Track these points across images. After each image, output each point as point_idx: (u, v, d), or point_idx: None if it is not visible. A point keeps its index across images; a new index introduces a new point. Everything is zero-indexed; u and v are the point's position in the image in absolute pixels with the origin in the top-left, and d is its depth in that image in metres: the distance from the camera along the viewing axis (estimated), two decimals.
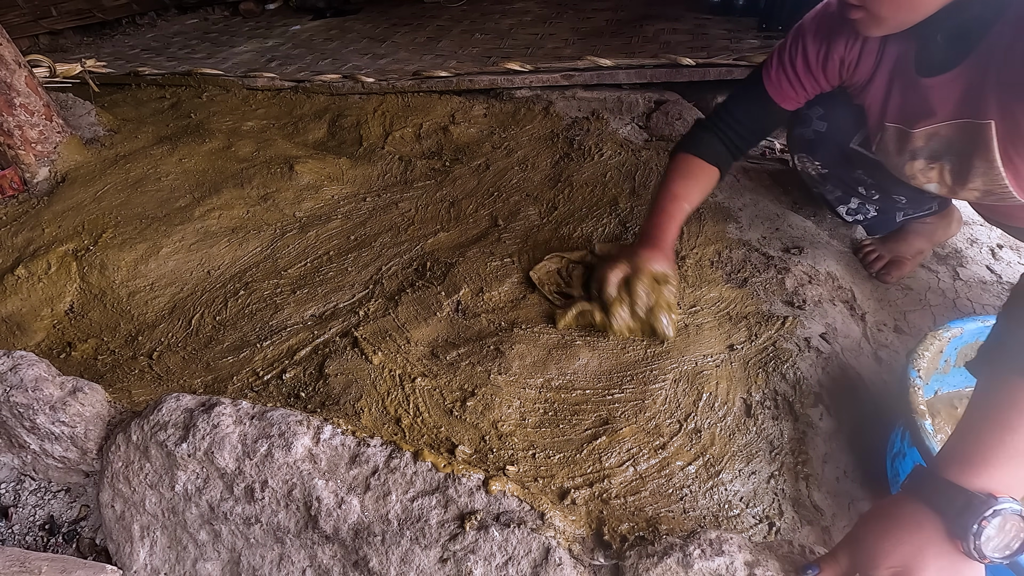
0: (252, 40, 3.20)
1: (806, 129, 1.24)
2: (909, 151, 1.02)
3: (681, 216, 1.18)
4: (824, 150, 1.26)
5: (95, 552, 0.96)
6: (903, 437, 0.88)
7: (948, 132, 0.95)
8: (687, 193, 1.18)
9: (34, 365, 0.98)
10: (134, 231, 1.53)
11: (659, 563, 0.68)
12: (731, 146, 1.20)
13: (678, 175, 1.20)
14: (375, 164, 1.88)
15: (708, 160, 1.19)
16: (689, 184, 1.19)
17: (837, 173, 1.29)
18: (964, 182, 0.98)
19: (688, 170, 1.20)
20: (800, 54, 1.08)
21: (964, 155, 0.95)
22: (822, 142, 1.24)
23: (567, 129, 1.98)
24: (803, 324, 1.17)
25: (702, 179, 1.20)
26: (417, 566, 0.74)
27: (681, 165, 1.20)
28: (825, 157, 1.28)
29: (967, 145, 0.93)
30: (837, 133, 1.20)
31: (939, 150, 0.99)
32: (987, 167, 0.91)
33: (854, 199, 1.32)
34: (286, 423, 0.85)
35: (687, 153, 1.20)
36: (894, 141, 1.04)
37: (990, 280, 1.34)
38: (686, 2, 2.91)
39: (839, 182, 1.31)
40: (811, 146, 1.27)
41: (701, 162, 1.19)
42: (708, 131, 1.20)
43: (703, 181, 1.20)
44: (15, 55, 1.69)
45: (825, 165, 1.29)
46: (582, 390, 1.07)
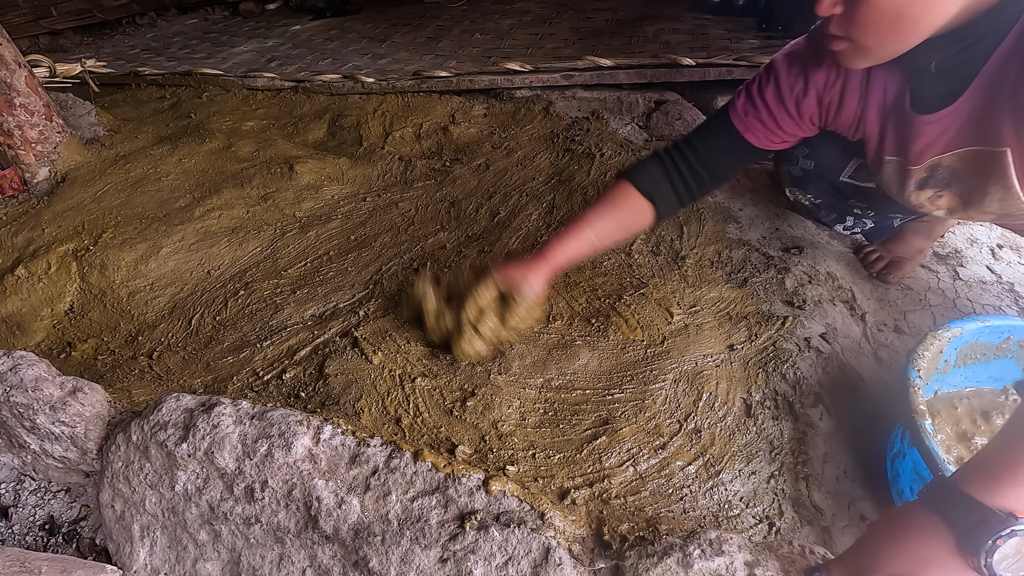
0: (252, 40, 3.20)
1: (793, 167, 1.24)
2: (913, 183, 0.99)
3: (579, 243, 1.05)
4: (814, 185, 1.25)
5: (95, 552, 0.96)
6: (903, 437, 0.88)
7: (954, 161, 0.92)
8: (599, 222, 1.06)
9: (34, 365, 0.98)
10: (134, 231, 1.53)
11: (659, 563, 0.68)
12: (681, 185, 1.07)
13: (602, 200, 1.08)
14: (375, 164, 1.88)
15: (644, 193, 1.05)
16: (607, 214, 1.07)
17: (830, 203, 1.30)
18: (979, 207, 0.95)
19: (615, 198, 1.07)
20: (772, 90, 1.00)
21: (976, 182, 0.92)
22: (811, 179, 1.24)
23: (567, 129, 1.98)
24: (803, 324, 1.17)
25: (626, 212, 1.07)
26: (417, 566, 0.73)
27: (613, 191, 1.08)
28: (816, 191, 1.28)
29: (979, 172, 0.90)
30: (825, 170, 1.19)
31: (947, 178, 0.96)
32: (1005, 192, 0.89)
33: (849, 218, 1.34)
34: (286, 423, 0.85)
35: (626, 180, 1.07)
36: (896, 174, 1.01)
37: (990, 280, 1.34)
38: (686, 2, 2.91)
39: (832, 209, 1.32)
40: (800, 182, 1.28)
41: (635, 194, 1.06)
42: (659, 164, 1.08)
43: (627, 215, 1.07)
44: (15, 55, 1.69)
45: (817, 197, 1.30)
46: (582, 390, 1.07)
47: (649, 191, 1.06)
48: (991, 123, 0.85)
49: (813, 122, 1.03)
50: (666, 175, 1.07)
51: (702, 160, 1.06)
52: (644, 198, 1.06)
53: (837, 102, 0.99)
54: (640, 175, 1.07)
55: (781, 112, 1.01)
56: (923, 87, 0.90)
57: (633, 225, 1.10)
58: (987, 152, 0.87)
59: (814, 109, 1.00)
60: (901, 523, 0.61)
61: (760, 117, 1.03)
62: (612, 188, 1.08)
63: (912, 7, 0.75)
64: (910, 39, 0.79)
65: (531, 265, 1.04)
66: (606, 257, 1.36)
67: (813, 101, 0.99)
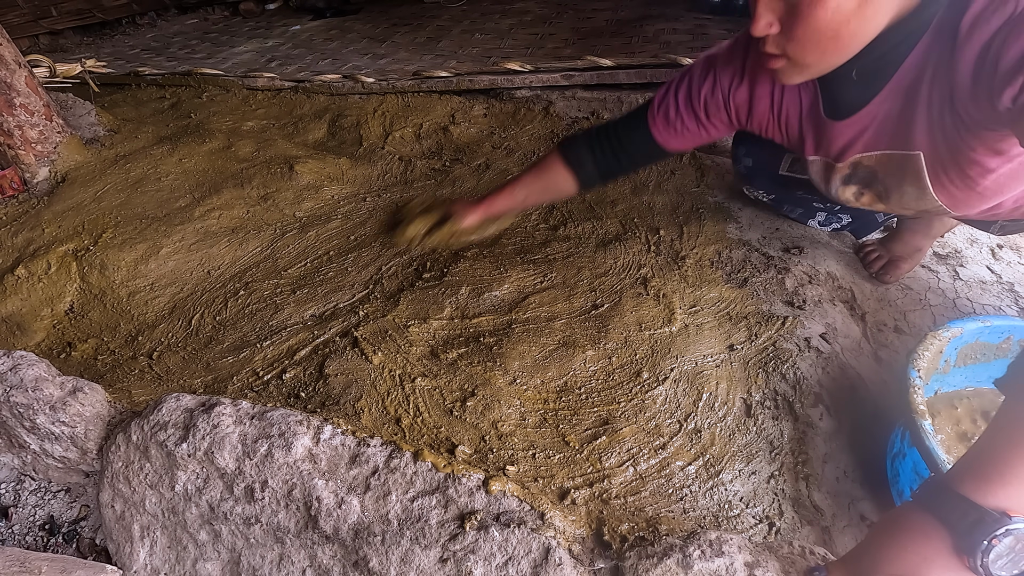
0: (252, 40, 3.20)
1: (739, 166, 1.30)
2: (838, 179, 1.01)
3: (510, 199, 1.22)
4: (760, 181, 1.31)
5: (95, 552, 0.96)
6: (903, 437, 0.88)
7: (872, 162, 0.95)
8: (530, 184, 1.21)
9: (34, 365, 0.98)
10: (134, 231, 1.53)
11: (659, 564, 0.68)
12: (604, 164, 1.16)
13: (535, 165, 1.22)
14: (375, 164, 1.88)
15: (570, 165, 1.17)
16: (537, 179, 1.21)
17: (784, 197, 1.34)
18: (900, 204, 0.98)
19: (546, 166, 1.20)
20: (684, 91, 1.05)
21: (893, 181, 0.95)
22: (755, 175, 1.30)
23: (567, 129, 1.98)
24: (803, 324, 1.17)
25: (553, 180, 1.19)
26: (417, 566, 0.73)
27: (546, 159, 1.20)
28: (765, 187, 1.32)
29: (895, 173, 0.93)
30: (764, 165, 1.23)
31: (867, 177, 0.98)
32: (919, 192, 0.92)
33: (819, 213, 1.35)
34: (286, 423, 0.85)
35: (556, 150, 1.19)
36: (820, 171, 1.04)
37: (990, 280, 1.34)
38: (686, 2, 2.91)
39: (793, 203, 1.35)
40: (748, 179, 1.33)
41: (562, 165, 1.17)
42: (586, 142, 1.17)
43: (553, 183, 1.19)
44: (15, 55, 1.69)
45: (770, 192, 1.34)
46: (582, 390, 1.07)
47: (574, 166, 1.17)
48: (905, 127, 0.87)
49: (723, 122, 1.07)
50: (591, 153, 1.16)
51: (622, 147, 1.14)
52: (569, 170, 1.17)
53: (746, 106, 1.02)
54: (569, 150, 1.18)
55: (688, 113, 1.06)
56: (837, 92, 0.92)
57: (557, 192, 1.23)
58: (901, 155, 0.90)
59: (722, 112, 1.05)
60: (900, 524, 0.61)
61: (668, 116, 1.08)
62: (546, 156, 1.21)
63: (849, 23, 0.75)
64: (848, 53, 0.80)
65: (471, 205, 1.24)
66: (606, 257, 1.36)
67: (720, 104, 1.03)
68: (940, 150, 0.85)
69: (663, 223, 1.47)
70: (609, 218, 1.50)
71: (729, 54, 1.02)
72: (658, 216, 1.50)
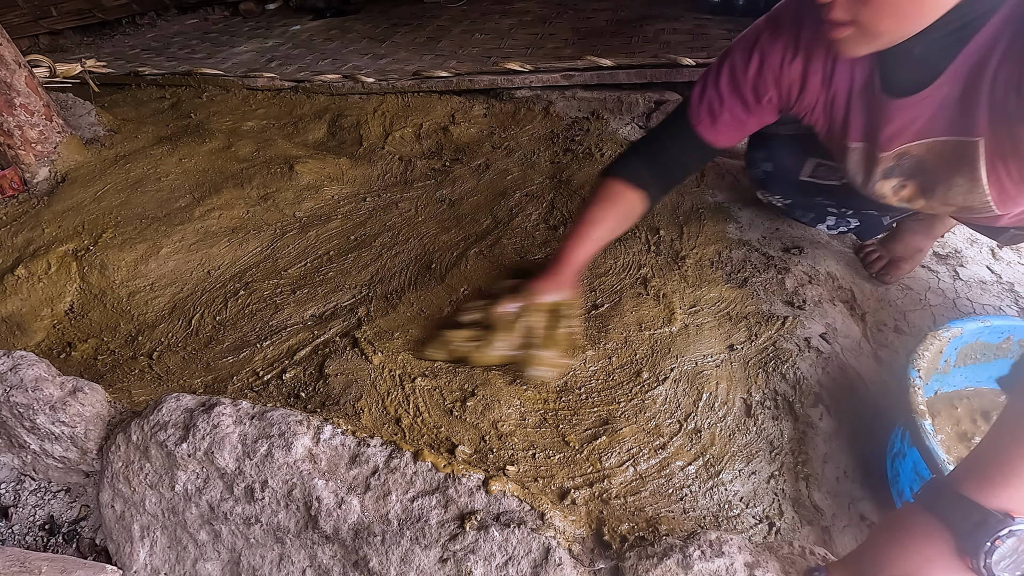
0: (252, 40, 3.20)
1: (755, 170, 1.27)
2: (879, 171, 0.97)
3: (591, 243, 1.11)
4: (778, 186, 1.28)
5: (95, 552, 0.96)
6: (903, 437, 0.88)
7: (923, 151, 0.90)
8: (603, 218, 1.11)
9: (34, 365, 0.98)
10: (134, 231, 1.53)
11: (659, 564, 0.68)
12: (661, 172, 1.11)
13: (598, 200, 1.12)
14: (375, 164, 1.88)
15: (634, 184, 1.10)
16: (606, 210, 1.11)
17: (799, 202, 1.31)
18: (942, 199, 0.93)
19: (609, 195, 1.11)
20: (727, 77, 0.99)
21: (943, 173, 0.90)
22: (774, 180, 1.27)
23: (567, 129, 1.98)
24: (803, 324, 1.17)
25: (623, 205, 1.11)
26: (417, 566, 0.74)
27: (604, 189, 1.12)
28: (782, 192, 1.30)
29: (947, 163, 0.88)
30: (784, 171, 1.20)
31: (912, 168, 0.94)
32: (971, 185, 0.87)
33: (829, 217, 1.34)
34: (286, 423, 0.85)
35: (613, 176, 1.12)
36: (860, 162, 0.99)
37: (990, 280, 1.34)
38: (686, 2, 2.91)
39: (807, 207, 1.33)
40: (764, 184, 1.30)
41: (625, 186, 1.10)
42: (637, 155, 1.12)
43: (624, 207, 1.12)
44: (15, 55, 1.69)
45: (786, 197, 1.31)
46: (582, 390, 1.07)
47: (638, 184, 1.11)
48: (966, 111, 0.82)
49: (772, 104, 0.99)
50: (648, 168, 1.11)
51: (670, 156, 1.10)
52: (634, 189, 1.11)
53: (799, 82, 0.95)
54: (626, 169, 1.12)
55: (735, 100, 1.00)
56: (897, 70, 0.86)
57: (631, 216, 1.14)
58: (958, 142, 0.85)
59: (772, 90, 0.97)
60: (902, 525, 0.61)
61: (712, 109, 1.02)
62: (603, 187, 1.13)
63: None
64: (924, 22, 0.75)
65: (558, 276, 1.11)
66: (606, 257, 1.36)
67: (770, 82, 0.96)
68: (1002, 138, 0.80)
69: (663, 223, 1.47)
70: None
71: (775, 28, 0.94)
72: (658, 216, 1.50)
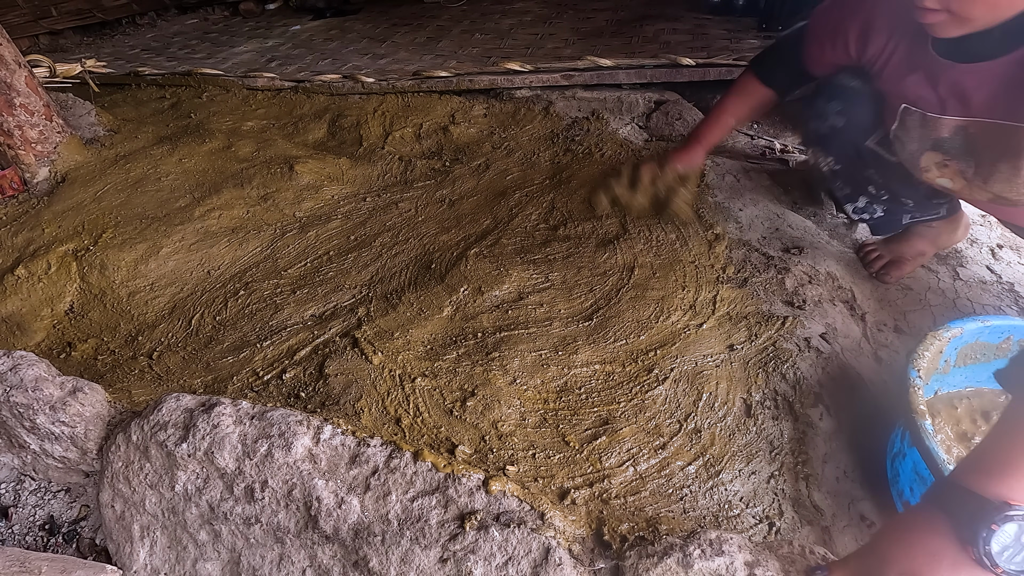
0: (252, 40, 3.20)
1: (822, 124, 1.22)
2: (930, 140, 0.98)
3: (721, 127, 1.34)
4: (838, 146, 1.26)
5: (95, 552, 0.96)
6: (903, 437, 0.88)
7: (977, 130, 0.91)
8: (735, 109, 1.31)
9: (34, 365, 0.98)
10: (134, 231, 1.53)
11: (659, 563, 0.68)
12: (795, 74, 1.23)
13: (734, 92, 1.31)
14: (375, 164, 1.88)
15: (765, 82, 1.26)
16: (739, 102, 1.31)
17: (848, 171, 1.28)
18: (981, 183, 0.94)
19: (744, 89, 1.29)
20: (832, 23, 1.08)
21: (990, 156, 0.91)
22: (837, 137, 1.23)
23: (567, 129, 1.98)
24: (803, 324, 1.17)
25: (754, 99, 1.29)
26: (417, 566, 0.73)
27: (741, 83, 1.30)
28: (838, 153, 1.27)
29: (996, 147, 0.89)
30: (854, 129, 1.20)
31: (961, 147, 0.95)
32: (1012, 173, 0.88)
33: (862, 198, 1.31)
34: (286, 423, 0.85)
35: (750, 72, 1.28)
36: (915, 127, 1.00)
37: (990, 280, 1.34)
38: (686, 2, 2.91)
39: (849, 179, 1.30)
40: (825, 141, 1.26)
41: (758, 83, 1.27)
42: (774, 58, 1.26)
43: (755, 101, 1.29)
44: (15, 55, 1.69)
45: (838, 161, 1.29)
46: (582, 390, 1.07)
47: (773, 82, 1.26)
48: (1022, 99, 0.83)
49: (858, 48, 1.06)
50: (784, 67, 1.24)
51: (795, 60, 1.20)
52: (766, 87, 1.27)
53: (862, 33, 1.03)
54: (760, 68, 1.28)
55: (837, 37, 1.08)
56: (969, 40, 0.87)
57: (762, 108, 1.31)
58: (1011, 128, 0.86)
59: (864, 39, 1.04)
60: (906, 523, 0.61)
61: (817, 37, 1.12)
62: (742, 79, 1.30)
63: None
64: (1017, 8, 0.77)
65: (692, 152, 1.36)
66: (606, 257, 1.36)
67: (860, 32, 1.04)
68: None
69: (663, 223, 1.47)
70: (609, 218, 1.50)
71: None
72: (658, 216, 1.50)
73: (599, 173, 1.49)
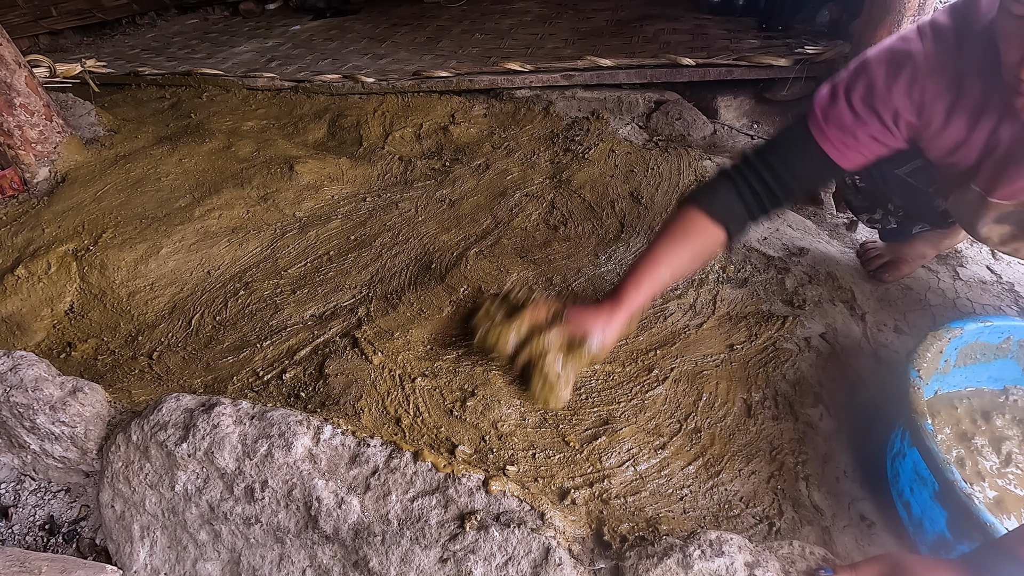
0: (252, 40, 3.20)
1: None
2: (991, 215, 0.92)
3: (654, 284, 1.01)
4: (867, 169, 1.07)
5: (95, 552, 0.96)
6: (903, 437, 0.88)
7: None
8: (673, 257, 1.00)
9: (34, 365, 0.98)
10: (134, 231, 1.53)
11: (659, 563, 0.68)
12: (754, 204, 0.98)
13: (670, 233, 1.01)
14: (375, 164, 1.88)
15: (714, 218, 0.98)
16: (679, 247, 1.00)
17: (872, 190, 1.20)
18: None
19: (686, 230, 1.00)
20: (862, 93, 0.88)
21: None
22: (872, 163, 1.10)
23: (567, 129, 1.98)
24: (803, 324, 1.17)
25: (699, 242, 1.00)
26: (417, 566, 0.73)
27: (680, 221, 1.01)
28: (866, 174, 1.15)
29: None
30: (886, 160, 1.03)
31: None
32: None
33: (879, 211, 1.24)
34: (286, 423, 0.85)
35: (692, 206, 1.00)
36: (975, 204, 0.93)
37: (990, 280, 1.34)
38: (686, 2, 2.91)
39: (871, 196, 1.23)
40: None
41: (704, 220, 0.98)
42: (728, 184, 0.99)
43: (700, 245, 1.00)
44: (15, 55, 1.69)
45: (863, 180, 1.19)
46: (582, 390, 1.07)
47: (722, 216, 0.98)
48: None
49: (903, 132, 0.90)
50: (738, 196, 0.98)
51: (777, 177, 0.96)
52: (715, 224, 0.98)
53: (941, 121, 0.87)
54: (709, 200, 0.99)
55: (871, 115, 0.88)
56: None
57: (706, 254, 1.03)
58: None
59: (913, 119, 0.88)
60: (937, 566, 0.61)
61: (843, 123, 0.90)
62: (679, 217, 1.01)
63: None
64: None
65: (607, 313, 1.01)
66: (606, 257, 1.36)
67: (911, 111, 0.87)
68: None
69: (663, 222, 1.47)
70: (609, 218, 1.50)
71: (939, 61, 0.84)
72: (658, 216, 1.50)
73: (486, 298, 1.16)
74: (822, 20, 2.21)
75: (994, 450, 0.96)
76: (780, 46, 2.13)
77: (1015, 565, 0.57)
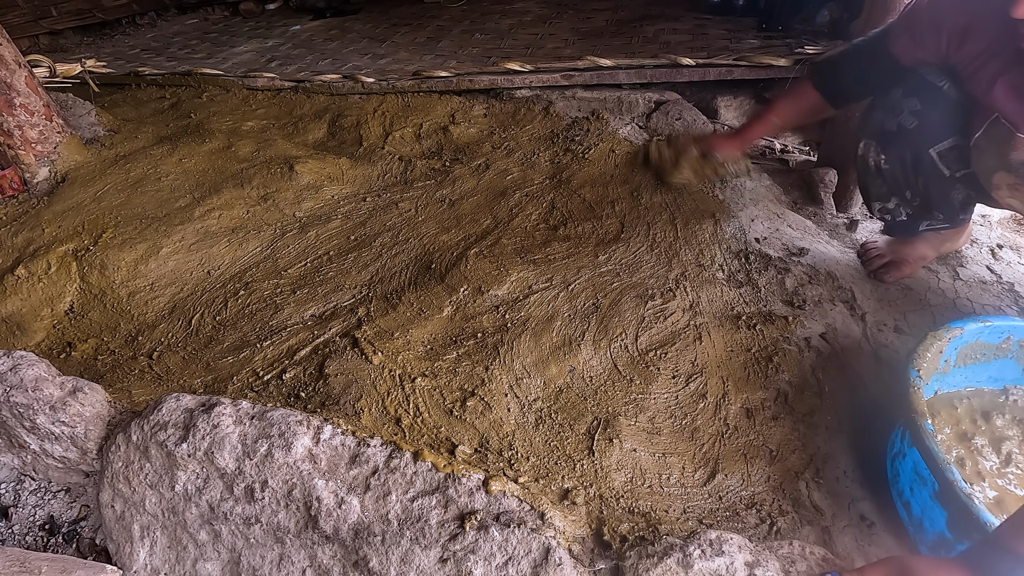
0: (252, 40, 3.20)
1: (891, 119, 1.15)
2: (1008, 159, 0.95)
3: (764, 125, 1.38)
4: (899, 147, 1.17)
5: (95, 552, 0.96)
6: (903, 437, 0.88)
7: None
8: (782, 111, 1.35)
9: (34, 365, 0.98)
10: (134, 231, 1.53)
11: (659, 563, 0.68)
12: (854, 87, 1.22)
13: (789, 95, 1.36)
14: (375, 164, 1.88)
15: (819, 89, 1.26)
16: (791, 107, 1.34)
17: (896, 173, 1.20)
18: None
19: (799, 94, 1.31)
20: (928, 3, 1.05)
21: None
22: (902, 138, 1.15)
23: (567, 129, 1.98)
24: (803, 324, 1.17)
25: (804, 105, 1.30)
26: (417, 566, 0.73)
27: (797, 89, 1.31)
28: (895, 154, 1.18)
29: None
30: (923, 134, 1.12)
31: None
32: None
33: (895, 199, 1.25)
34: (286, 423, 0.85)
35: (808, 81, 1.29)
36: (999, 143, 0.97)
37: (990, 280, 1.34)
38: (686, 2, 2.91)
39: (892, 181, 1.22)
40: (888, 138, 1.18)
41: (811, 91, 1.27)
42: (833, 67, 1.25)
43: (805, 106, 1.31)
44: (15, 55, 1.69)
45: (889, 161, 1.20)
46: (582, 389, 1.07)
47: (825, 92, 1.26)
48: None
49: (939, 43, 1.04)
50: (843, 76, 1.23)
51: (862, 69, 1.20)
52: (820, 95, 1.26)
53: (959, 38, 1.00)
54: (819, 77, 1.27)
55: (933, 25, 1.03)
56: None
57: (812, 114, 1.33)
58: None
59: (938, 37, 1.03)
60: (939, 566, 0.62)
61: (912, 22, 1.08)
62: (796, 85, 1.32)
63: None
64: None
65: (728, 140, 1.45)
66: (606, 257, 1.36)
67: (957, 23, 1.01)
68: None
69: (663, 223, 1.47)
70: (609, 218, 1.50)
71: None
72: (658, 216, 1.50)
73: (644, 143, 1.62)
74: (822, 20, 2.21)
75: (994, 450, 0.96)
76: (780, 46, 2.13)
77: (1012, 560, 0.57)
